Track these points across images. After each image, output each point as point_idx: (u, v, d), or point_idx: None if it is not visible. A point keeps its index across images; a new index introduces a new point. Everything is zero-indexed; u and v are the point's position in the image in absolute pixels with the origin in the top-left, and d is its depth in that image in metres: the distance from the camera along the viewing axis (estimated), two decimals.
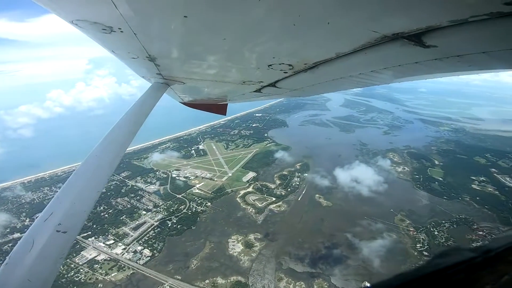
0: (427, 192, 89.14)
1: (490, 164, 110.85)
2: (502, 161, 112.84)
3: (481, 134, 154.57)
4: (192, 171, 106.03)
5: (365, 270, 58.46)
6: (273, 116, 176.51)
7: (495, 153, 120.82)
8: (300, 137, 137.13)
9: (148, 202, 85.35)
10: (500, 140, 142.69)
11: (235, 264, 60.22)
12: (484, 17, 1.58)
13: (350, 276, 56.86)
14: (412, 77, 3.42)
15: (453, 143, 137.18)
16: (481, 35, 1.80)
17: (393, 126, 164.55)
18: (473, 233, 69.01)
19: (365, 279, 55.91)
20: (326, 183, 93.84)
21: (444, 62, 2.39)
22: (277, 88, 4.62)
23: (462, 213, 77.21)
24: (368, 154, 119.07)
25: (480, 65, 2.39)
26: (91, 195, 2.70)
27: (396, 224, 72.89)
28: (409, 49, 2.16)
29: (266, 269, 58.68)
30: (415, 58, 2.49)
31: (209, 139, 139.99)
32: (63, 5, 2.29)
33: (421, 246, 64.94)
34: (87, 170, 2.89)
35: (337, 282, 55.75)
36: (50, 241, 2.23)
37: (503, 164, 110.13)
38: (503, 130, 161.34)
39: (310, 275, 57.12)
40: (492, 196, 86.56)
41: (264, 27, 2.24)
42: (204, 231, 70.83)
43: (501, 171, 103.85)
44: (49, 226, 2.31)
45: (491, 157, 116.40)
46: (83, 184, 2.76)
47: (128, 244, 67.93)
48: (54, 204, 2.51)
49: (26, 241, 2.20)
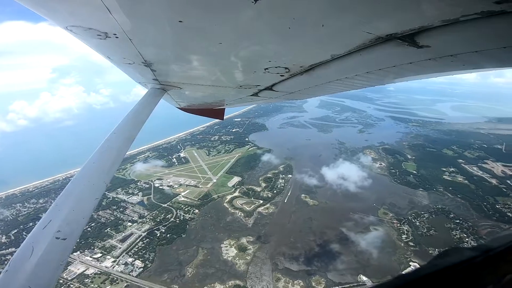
0: (404, 185, 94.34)
1: (457, 155, 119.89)
2: (467, 152, 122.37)
3: (446, 127, 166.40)
4: (175, 179, 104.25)
5: (358, 264, 60.61)
6: (252, 120, 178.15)
7: (460, 144, 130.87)
8: (280, 140, 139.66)
9: (133, 213, 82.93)
10: (464, 132, 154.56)
11: (231, 268, 60.09)
12: (475, 16, 1.62)
13: (345, 271, 58.74)
14: (407, 78, 3.46)
15: (422, 137, 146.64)
16: (473, 34, 1.86)
17: (367, 124, 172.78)
18: (451, 221, 73.61)
19: (359, 273, 58.04)
20: (311, 183, 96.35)
21: (438, 62, 2.45)
22: (274, 91, 4.64)
23: (438, 203, 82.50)
24: (346, 153, 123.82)
25: (474, 64, 2.44)
26: (90, 202, 2.71)
27: (380, 217, 76.48)
28: (403, 50, 2.23)
29: (262, 270, 59.16)
30: (409, 58, 2.55)
31: (190, 146, 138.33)
32: (57, 11, 2.27)
33: (406, 237, 68.29)
34: (85, 177, 2.89)
35: (334, 278, 57.40)
36: (50, 248, 2.24)
37: (469, 155, 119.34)
38: (465, 123, 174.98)
39: (306, 273, 58.37)
40: (463, 185, 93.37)
41: (259, 31, 2.28)
42: (195, 238, 70.00)
43: (468, 161, 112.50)
44: (48, 233, 2.31)
45: (457, 149, 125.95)
46: (81, 191, 2.76)
47: (117, 257, 65.77)
48: (52, 211, 2.50)
49: (26, 248, 2.20)
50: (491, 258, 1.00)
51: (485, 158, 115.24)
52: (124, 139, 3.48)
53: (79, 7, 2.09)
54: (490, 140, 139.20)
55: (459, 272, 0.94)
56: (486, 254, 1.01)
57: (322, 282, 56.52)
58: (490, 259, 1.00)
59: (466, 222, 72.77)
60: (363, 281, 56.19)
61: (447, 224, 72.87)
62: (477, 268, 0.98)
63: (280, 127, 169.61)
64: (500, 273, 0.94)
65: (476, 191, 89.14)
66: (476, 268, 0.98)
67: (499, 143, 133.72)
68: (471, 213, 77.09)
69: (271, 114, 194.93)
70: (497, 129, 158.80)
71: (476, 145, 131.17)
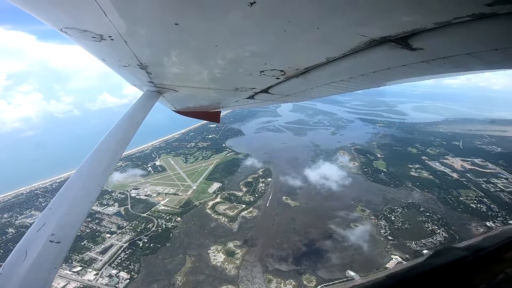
0: (377, 183, 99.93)
1: (420, 152, 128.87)
2: (430, 149, 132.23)
3: (409, 127, 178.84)
4: (152, 188, 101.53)
5: (344, 260, 63.09)
6: (228, 125, 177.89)
7: (422, 142, 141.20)
8: (257, 144, 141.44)
9: (110, 225, 79.58)
10: (425, 131, 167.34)
11: (222, 273, 59.96)
12: (467, 18, 1.64)
13: (333, 267, 60.95)
14: (401, 80, 3.51)
15: (389, 137, 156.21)
16: (464, 36, 1.89)
17: (338, 126, 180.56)
18: (422, 214, 79.08)
19: (347, 268, 60.63)
20: (291, 185, 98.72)
21: (431, 64, 2.49)
22: (270, 94, 4.69)
23: (408, 198, 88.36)
24: (322, 154, 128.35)
25: (466, 66, 2.49)
26: (84, 205, 2.70)
27: (359, 214, 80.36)
28: (396, 52, 2.27)
29: (253, 273, 59.66)
30: (403, 61, 2.58)
31: (165, 154, 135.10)
32: (52, 13, 2.27)
33: (384, 232, 72.33)
34: (79, 180, 2.88)
35: (324, 275, 59.26)
36: (44, 252, 2.23)
37: (431, 152, 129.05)
38: (425, 122, 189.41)
39: (296, 272, 59.76)
40: (428, 180, 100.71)
41: (255, 34, 2.29)
42: (180, 246, 68.88)
43: (430, 157, 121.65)
44: (42, 236, 2.30)
45: (420, 147, 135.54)
46: (75, 194, 2.75)
47: (99, 269, 63.13)
48: (46, 214, 2.48)
49: (19, 252, 2.18)
50: (483, 258, 1.01)
51: (445, 154, 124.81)
52: (119, 142, 3.49)
53: (74, 9, 2.11)
54: (448, 137, 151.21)
55: (452, 272, 0.94)
56: (478, 254, 1.01)
57: (313, 280, 58.20)
58: (482, 258, 1.00)
59: (436, 215, 78.41)
60: (351, 276, 58.75)
61: (419, 217, 78.10)
62: (469, 268, 0.98)
63: (256, 132, 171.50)
64: (492, 272, 0.94)
65: (440, 185, 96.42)
66: (468, 267, 0.98)
67: (456, 140, 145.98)
68: (438, 206, 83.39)
69: (246, 119, 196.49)
70: (454, 127, 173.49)
71: (436, 142, 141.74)
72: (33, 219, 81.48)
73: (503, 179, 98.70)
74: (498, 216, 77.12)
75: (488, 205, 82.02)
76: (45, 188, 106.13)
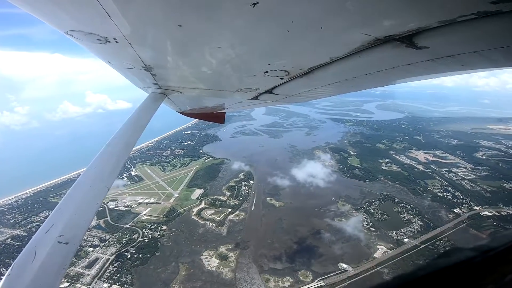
0: (353, 179, 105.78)
1: (388, 148, 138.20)
2: (395, 144, 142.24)
3: (375, 124, 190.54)
4: (131, 198, 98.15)
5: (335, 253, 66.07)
6: (203, 131, 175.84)
7: (389, 138, 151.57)
8: (235, 148, 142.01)
9: (91, 238, 76.15)
10: (389, 127, 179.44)
11: (218, 277, 60.09)
12: (472, 16, 1.63)
13: (326, 262, 63.65)
14: (406, 79, 3.51)
15: (359, 135, 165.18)
16: (470, 34, 1.88)
17: (311, 127, 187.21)
18: (397, 205, 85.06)
19: (338, 261, 63.74)
20: (273, 186, 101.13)
21: (437, 62, 2.48)
22: (274, 94, 4.68)
23: (383, 191, 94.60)
24: (299, 154, 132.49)
25: (472, 64, 2.47)
26: (91, 206, 2.72)
27: (341, 209, 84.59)
28: (401, 51, 2.27)
29: (250, 274, 60.55)
30: (408, 59, 2.58)
31: (141, 163, 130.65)
32: (58, 16, 2.27)
33: (367, 224, 76.89)
34: (87, 182, 2.92)
35: (318, 269, 61.65)
36: (52, 252, 2.25)
37: (397, 147, 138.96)
38: (389, 119, 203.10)
39: (292, 269, 61.72)
40: (397, 173, 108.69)
41: (258, 34, 2.29)
42: (171, 254, 67.86)
43: (397, 152, 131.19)
44: (50, 237, 2.33)
45: (387, 142, 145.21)
46: (83, 195, 2.79)
47: (89, 284, 60.80)
48: (54, 216, 2.52)
49: (28, 252, 2.20)
50: (491, 258, 1.02)
51: (409, 148, 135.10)
52: (124, 144, 3.53)
53: (80, 12, 2.12)
54: (410, 132, 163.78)
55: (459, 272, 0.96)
56: (486, 254, 1.04)
57: (308, 275, 60.29)
58: (490, 259, 1.02)
59: (409, 205, 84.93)
60: (343, 268, 61.83)
61: (395, 208, 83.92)
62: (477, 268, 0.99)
63: (233, 136, 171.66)
64: (500, 273, 0.95)
65: (409, 177, 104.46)
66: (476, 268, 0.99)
67: (417, 134, 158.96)
68: (410, 196, 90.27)
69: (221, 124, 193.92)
70: (414, 123, 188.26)
71: (400, 137, 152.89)
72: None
73: (463, 168, 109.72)
74: (463, 203, 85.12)
75: (453, 193, 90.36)
76: (10, 204, 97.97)
